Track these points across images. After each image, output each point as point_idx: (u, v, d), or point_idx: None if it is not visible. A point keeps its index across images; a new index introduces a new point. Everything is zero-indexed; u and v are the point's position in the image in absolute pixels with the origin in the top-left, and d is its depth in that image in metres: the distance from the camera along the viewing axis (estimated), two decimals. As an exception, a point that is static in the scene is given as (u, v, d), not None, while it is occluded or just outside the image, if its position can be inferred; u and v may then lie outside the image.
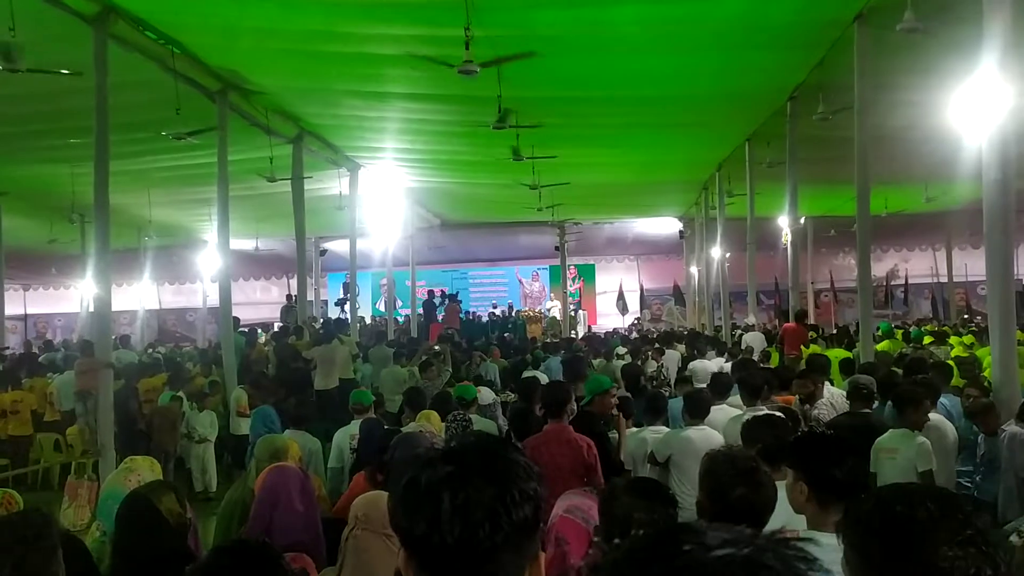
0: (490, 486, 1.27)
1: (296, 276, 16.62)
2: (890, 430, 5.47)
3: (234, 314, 12.84)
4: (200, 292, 27.87)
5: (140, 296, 25.17)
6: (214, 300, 18.14)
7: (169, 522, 2.97)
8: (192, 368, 13.84)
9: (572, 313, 28.33)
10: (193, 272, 27.56)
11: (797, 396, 7.23)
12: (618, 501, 2.84)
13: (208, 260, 23.64)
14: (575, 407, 5.35)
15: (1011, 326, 6.20)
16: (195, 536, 3.29)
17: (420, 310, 23.81)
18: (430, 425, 5.97)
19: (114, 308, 10.83)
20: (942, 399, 6.93)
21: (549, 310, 28.34)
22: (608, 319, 30.49)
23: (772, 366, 10.96)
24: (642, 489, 2.91)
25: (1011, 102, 5.92)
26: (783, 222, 16.13)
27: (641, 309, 30.61)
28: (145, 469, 3.68)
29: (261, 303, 29.31)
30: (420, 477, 1.30)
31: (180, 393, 11.08)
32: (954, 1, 7.30)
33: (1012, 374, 6.16)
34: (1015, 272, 20.84)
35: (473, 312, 26.99)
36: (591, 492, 3.20)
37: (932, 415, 5.90)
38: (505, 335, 21.59)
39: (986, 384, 7.08)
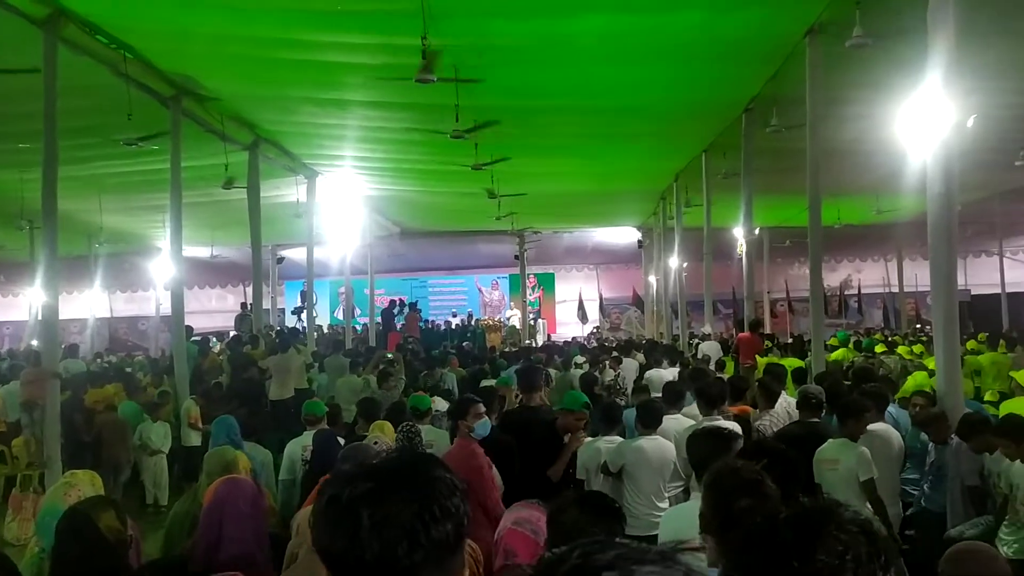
0: (410, 503, 1.27)
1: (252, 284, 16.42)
2: (830, 440, 5.56)
3: (189, 323, 12.64)
4: (153, 300, 27.41)
5: (91, 304, 24.66)
6: (167, 308, 17.85)
7: (108, 539, 2.90)
8: (143, 378, 13.60)
9: (532, 322, 28.38)
10: (146, 280, 27.07)
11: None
12: (566, 515, 2.84)
13: (161, 267, 23.24)
14: (472, 424, 5.30)
15: (954, 336, 6.32)
16: (137, 552, 3.22)
17: (379, 319, 23.67)
18: (384, 436, 5.92)
19: (65, 316, 10.64)
20: (889, 408, 7.07)
21: (509, 319, 28.36)
22: (568, 328, 30.58)
23: (727, 375, 11.11)
24: (591, 504, 2.91)
25: (954, 118, 6.07)
26: (739, 232, 16.34)
27: (600, 318, 30.77)
28: (86, 484, 3.59)
29: (216, 311, 28.85)
30: (341, 494, 1.29)
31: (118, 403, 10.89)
32: (901, 19, 7.47)
33: (956, 383, 6.29)
34: (964, 283, 21.20)
35: (432, 321, 26.91)
36: (540, 504, 3.20)
37: (878, 424, 6.01)
38: (464, 344, 21.54)
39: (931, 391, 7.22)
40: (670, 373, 11.11)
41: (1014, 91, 10.75)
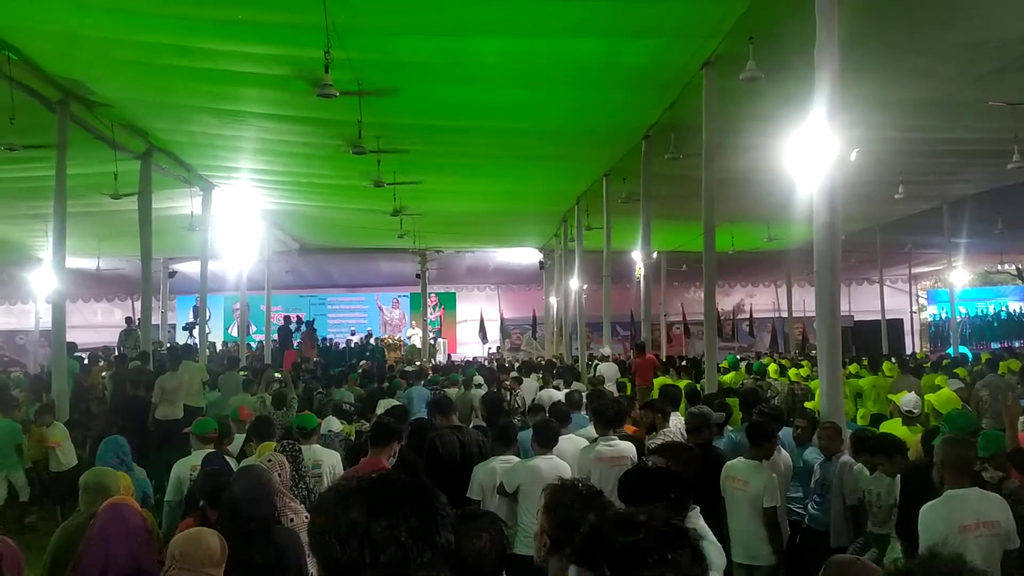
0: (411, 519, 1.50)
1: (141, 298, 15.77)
2: (740, 458, 5.70)
3: (72, 337, 12.00)
4: (33, 313, 26.06)
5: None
6: (48, 322, 16.97)
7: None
8: (19, 395, 12.85)
9: (432, 341, 28.23)
10: (25, 291, 25.75)
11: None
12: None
13: (43, 279, 22.12)
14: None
15: (837, 359, 6.57)
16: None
17: (275, 336, 23.10)
18: (280, 456, 5.74)
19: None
20: (777, 429, 7.30)
21: (409, 338, 28.15)
22: (468, 347, 30.57)
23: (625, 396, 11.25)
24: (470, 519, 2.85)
25: (838, 151, 6.36)
26: (637, 256, 16.69)
27: (501, 338, 30.86)
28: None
29: (102, 326, 27.56)
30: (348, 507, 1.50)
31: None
32: (790, 55, 7.79)
33: (838, 404, 6.53)
34: (847, 309, 22.17)
35: (331, 339, 26.44)
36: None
37: (766, 444, 6.18)
38: (363, 363, 21.24)
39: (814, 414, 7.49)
40: (561, 394, 11.20)
41: (892, 126, 11.37)
